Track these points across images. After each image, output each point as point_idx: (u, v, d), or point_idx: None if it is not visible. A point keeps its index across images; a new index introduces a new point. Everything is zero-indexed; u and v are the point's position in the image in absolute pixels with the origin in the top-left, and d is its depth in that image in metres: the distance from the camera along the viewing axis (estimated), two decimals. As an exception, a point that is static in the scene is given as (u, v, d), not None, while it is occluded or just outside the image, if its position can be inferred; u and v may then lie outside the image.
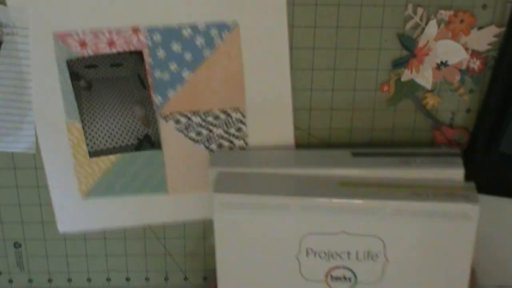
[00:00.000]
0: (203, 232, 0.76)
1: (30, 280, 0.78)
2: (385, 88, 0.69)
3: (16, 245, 0.76)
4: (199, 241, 0.76)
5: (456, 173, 0.66)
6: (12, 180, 0.72)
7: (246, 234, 0.66)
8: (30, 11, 0.64)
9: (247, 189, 0.65)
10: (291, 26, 0.66)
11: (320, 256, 0.67)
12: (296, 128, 0.70)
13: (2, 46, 0.65)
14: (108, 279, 0.78)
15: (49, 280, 0.78)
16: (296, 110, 0.70)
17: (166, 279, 0.78)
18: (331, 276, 0.68)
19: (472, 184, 0.66)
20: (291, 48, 0.67)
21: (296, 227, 0.66)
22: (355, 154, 0.69)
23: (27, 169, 0.71)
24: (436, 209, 0.63)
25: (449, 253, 0.65)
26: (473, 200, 0.63)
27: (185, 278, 0.78)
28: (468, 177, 0.66)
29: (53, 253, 0.76)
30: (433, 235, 0.65)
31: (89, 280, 0.78)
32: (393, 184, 0.65)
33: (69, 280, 0.78)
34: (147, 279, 0.78)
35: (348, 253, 0.66)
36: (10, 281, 0.78)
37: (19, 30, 0.64)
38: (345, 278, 0.68)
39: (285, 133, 0.70)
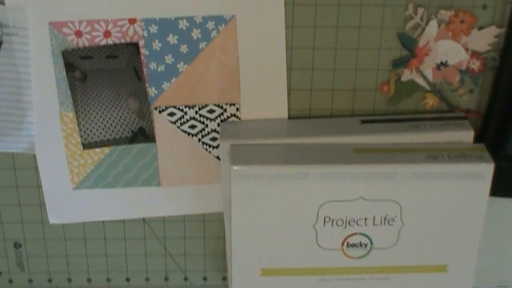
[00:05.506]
0: (204, 232, 0.76)
1: (30, 280, 0.78)
2: (385, 88, 0.69)
3: (16, 245, 0.76)
4: (199, 241, 0.76)
5: (465, 135, 0.67)
6: (12, 180, 0.72)
7: (263, 206, 0.66)
8: (28, 8, 0.64)
9: (264, 160, 0.65)
10: (291, 26, 0.66)
11: (337, 224, 0.67)
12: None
13: (2, 46, 0.65)
14: (108, 279, 0.78)
15: (49, 280, 0.78)
16: (295, 110, 0.69)
17: (166, 279, 0.78)
18: (347, 244, 0.68)
19: (482, 145, 0.67)
20: (291, 48, 0.67)
21: (314, 196, 0.65)
22: (363, 121, 0.69)
23: (27, 169, 0.71)
24: (453, 170, 0.65)
25: (463, 212, 0.67)
26: (488, 159, 0.65)
27: (185, 278, 0.78)
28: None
29: (53, 253, 0.76)
30: (448, 196, 0.66)
31: (89, 280, 0.78)
32: (407, 148, 0.66)
33: (69, 280, 0.78)
34: (147, 279, 0.78)
35: (365, 219, 0.67)
36: (10, 281, 0.78)
37: (18, 30, 0.64)
38: (361, 244, 0.68)
39: None
